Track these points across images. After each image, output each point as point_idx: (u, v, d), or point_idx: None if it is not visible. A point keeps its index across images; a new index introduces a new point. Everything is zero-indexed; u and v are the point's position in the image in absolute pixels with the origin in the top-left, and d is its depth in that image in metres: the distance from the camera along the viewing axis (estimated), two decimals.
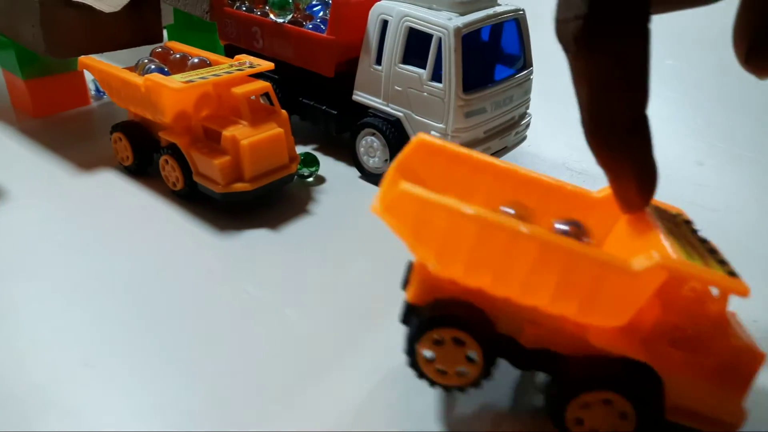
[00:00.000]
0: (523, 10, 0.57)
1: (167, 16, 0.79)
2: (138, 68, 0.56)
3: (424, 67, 0.52)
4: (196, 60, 0.56)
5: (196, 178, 0.51)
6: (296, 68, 0.62)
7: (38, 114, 0.71)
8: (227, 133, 0.50)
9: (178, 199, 0.55)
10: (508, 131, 0.58)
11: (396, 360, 0.38)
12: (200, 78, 0.50)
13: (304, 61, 0.61)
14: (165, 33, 0.78)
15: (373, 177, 0.59)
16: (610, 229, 0.35)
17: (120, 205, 0.54)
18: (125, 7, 0.61)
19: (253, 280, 0.45)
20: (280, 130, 0.52)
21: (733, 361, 0.29)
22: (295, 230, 0.51)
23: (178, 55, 0.58)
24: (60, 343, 0.39)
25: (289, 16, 0.61)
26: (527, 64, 0.58)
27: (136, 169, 0.58)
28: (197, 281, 0.45)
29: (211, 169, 0.50)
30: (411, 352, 0.33)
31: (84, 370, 0.37)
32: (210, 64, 0.56)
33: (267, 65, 0.55)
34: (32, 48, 0.59)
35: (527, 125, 0.61)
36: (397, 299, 0.42)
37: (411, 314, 0.33)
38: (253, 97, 0.54)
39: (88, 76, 0.75)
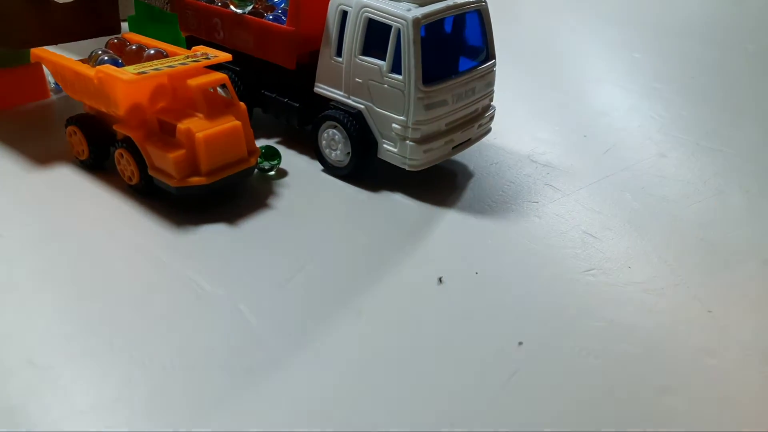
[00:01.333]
0: (485, 1, 0.56)
1: (129, 8, 0.77)
2: (91, 60, 0.54)
3: (383, 59, 0.52)
4: (152, 51, 0.55)
5: (151, 172, 0.50)
6: (258, 60, 0.61)
7: None
8: (182, 125, 0.49)
9: (134, 194, 0.53)
10: (471, 123, 0.57)
11: (353, 356, 0.38)
12: (154, 69, 0.49)
13: (265, 52, 0.60)
14: (126, 25, 0.76)
15: (335, 170, 0.58)
16: None
17: (73, 200, 0.53)
18: None
19: (207, 275, 0.44)
20: (237, 122, 0.51)
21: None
22: (254, 225, 0.50)
23: (134, 47, 0.56)
24: (2, 341, 0.38)
25: (250, 7, 0.60)
26: (490, 56, 0.58)
27: (92, 163, 0.56)
28: (149, 276, 0.44)
29: (165, 162, 0.49)
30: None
31: (29, 368, 0.36)
32: (167, 56, 0.55)
33: (224, 56, 0.54)
34: None
35: (491, 117, 0.60)
36: (357, 295, 0.42)
37: None
38: (211, 90, 0.53)
39: (47, 69, 0.73)
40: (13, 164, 0.58)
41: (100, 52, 0.55)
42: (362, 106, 0.55)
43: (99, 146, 0.55)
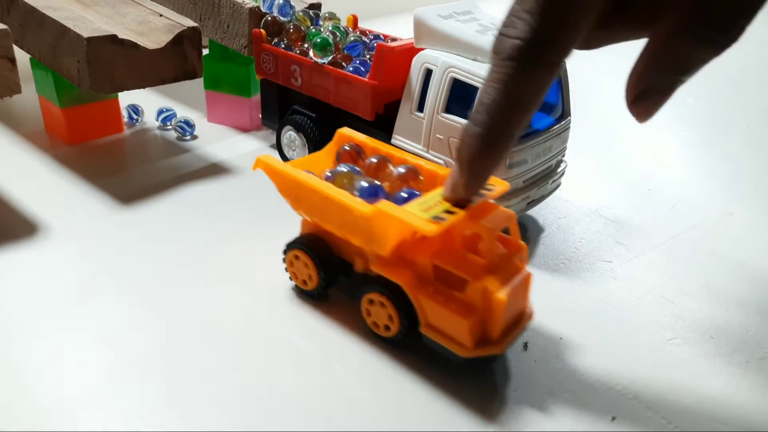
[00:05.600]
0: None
1: None
2: (336, 178, 0.45)
3: (466, 117, 0.53)
4: (402, 170, 0.47)
5: (424, 331, 0.41)
6: (333, 108, 0.63)
7: (73, 141, 0.71)
8: (477, 283, 0.39)
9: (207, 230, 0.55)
10: (545, 180, 0.58)
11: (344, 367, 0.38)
12: (446, 212, 0.39)
13: (344, 103, 0.61)
14: None
15: None
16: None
17: (159, 241, 0.55)
18: (168, 44, 0.61)
19: (301, 330, 0.45)
20: (527, 272, 0.42)
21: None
22: None
23: (374, 160, 0.48)
24: (107, 399, 0.39)
25: (330, 57, 0.62)
26: (565, 113, 0.59)
27: (320, 293, 0.47)
28: (231, 329, 0.45)
29: (455, 326, 0.39)
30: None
31: (138, 423, 0.37)
32: (418, 172, 0.47)
33: (503, 186, 0.43)
34: (76, 82, 0.59)
35: (563, 173, 0.61)
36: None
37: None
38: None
39: (122, 103, 0.76)
40: (98, 202, 0.60)
41: (344, 170, 0.45)
42: (441, 162, 0.56)
43: (331, 274, 0.47)
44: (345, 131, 0.53)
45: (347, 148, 0.51)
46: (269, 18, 0.68)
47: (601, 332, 0.47)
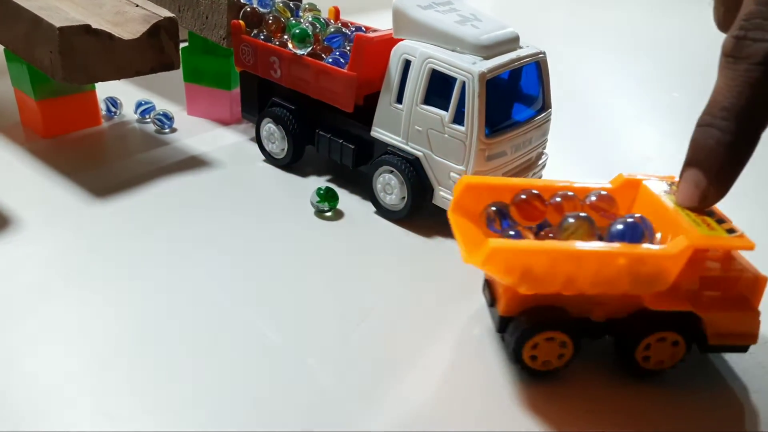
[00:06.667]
0: (544, 52, 0.57)
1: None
2: (565, 231, 0.40)
3: (446, 109, 0.52)
4: (593, 198, 0.43)
5: (714, 341, 0.41)
6: (313, 100, 0.62)
7: (49, 134, 0.70)
8: (748, 275, 0.41)
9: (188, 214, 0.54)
10: (525, 172, 0.58)
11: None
12: (717, 222, 0.39)
13: (323, 94, 0.60)
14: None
15: (389, 213, 0.58)
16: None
17: (135, 236, 0.54)
18: (144, 34, 0.60)
19: (271, 322, 0.45)
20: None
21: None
22: (313, 273, 0.51)
23: (558, 198, 0.43)
24: (72, 393, 0.38)
25: (309, 48, 0.61)
26: (546, 105, 0.58)
27: (568, 363, 0.41)
28: (205, 313, 0.45)
29: (743, 322, 0.41)
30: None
31: (101, 419, 0.36)
32: (611, 197, 0.43)
33: (748, 245, 0.38)
34: (49, 73, 0.58)
35: (543, 165, 0.61)
36: (420, 331, 0.42)
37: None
38: None
39: (101, 96, 0.74)
40: (73, 196, 0.59)
41: (573, 221, 0.39)
42: (420, 153, 0.55)
43: (591, 335, 0.42)
44: (470, 180, 0.44)
45: (494, 208, 0.42)
46: (248, 9, 0.67)
47: None
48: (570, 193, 0.43)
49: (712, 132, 0.38)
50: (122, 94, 0.78)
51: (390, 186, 0.57)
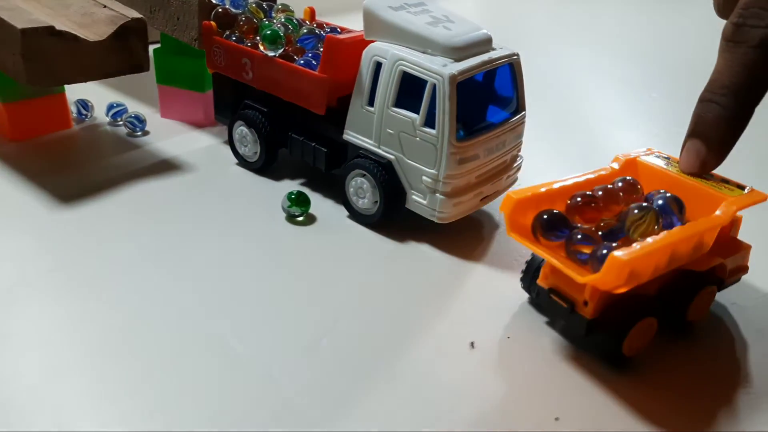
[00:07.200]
0: (517, 54, 0.56)
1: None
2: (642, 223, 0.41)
3: (417, 112, 0.51)
4: (620, 184, 0.45)
5: (728, 281, 0.47)
6: (285, 102, 0.61)
7: (16, 137, 0.69)
8: (736, 217, 0.47)
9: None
10: (500, 175, 0.57)
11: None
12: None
13: (295, 96, 0.60)
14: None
15: (362, 218, 0.58)
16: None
17: (106, 244, 0.52)
18: (110, 36, 0.59)
19: (237, 331, 0.44)
20: None
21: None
22: (283, 277, 0.50)
23: (600, 193, 0.44)
24: (28, 404, 0.37)
25: (281, 50, 0.60)
26: (520, 107, 0.58)
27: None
28: (180, 317, 0.44)
29: (744, 258, 0.48)
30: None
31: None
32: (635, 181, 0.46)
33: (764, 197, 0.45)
34: (13, 76, 0.57)
35: (519, 168, 0.60)
36: (387, 359, 0.41)
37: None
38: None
39: (72, 98, 0.73)
40: (37, 201, 0.58)
41: (640, 211, 0.41)
42: (392, 157, 0.54)
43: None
44: (517, 196, 0.44)
45: (548, 217, 0.43)
46: (220, 9, 0.66)
47: (550, 331, 0.46)
48: (609, 186, 0.45)
49: (713, 107, 0.43)
50: (94, 96, 0.77)
51: (362, 190, 0.56)
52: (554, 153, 0.77)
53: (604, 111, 0.93)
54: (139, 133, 0.72)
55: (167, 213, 0.58)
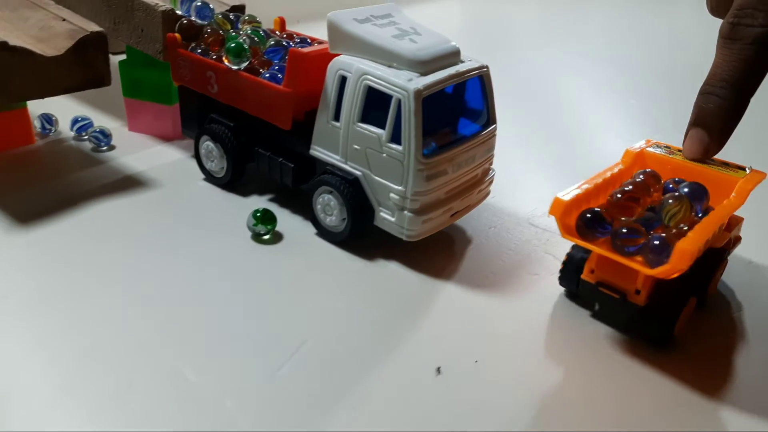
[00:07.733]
0: (487, 66, 0.55)
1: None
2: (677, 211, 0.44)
3: (383, 127, 0.50)
4: (642, 177, 0.47)
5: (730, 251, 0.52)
6: (252, 116, 0.59)
7: None
8: None
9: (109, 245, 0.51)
10: (470, 190, 0.56)
11: None
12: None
13: (260, 111, 0.58)
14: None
15: (330, 235, 0.56)
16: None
17: (60, 268, 0.51)
18: (69, 50, 0.57)
19: (191, 358, 0.42)
20: None
21: None
22: (247, 299, 0.48)
23: (629, 187, 0.46)
24: None
25: (245, 63, 0.59)
26: (491, 120, 0.56)
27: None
28: (125, 348, 0.42)
29: (739, 228, 0.52)
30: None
31: None
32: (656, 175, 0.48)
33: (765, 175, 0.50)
34: None
35: (491, 181, 0.59)
36: (353, 386, 0.39)
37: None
38: None
39: (35, 112, 0.71)
40: None
41: (674, 201, 0.44)
42: (359, 173, 0.53)
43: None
44: (563, 201, 0.44)
45: (591, 215, 0.44)
46: (185, 21, 0.64)
47: (517, 355, 0.45)
48: (639, 178, 0.47)
49: (713, 98, 0.47)
50: (59, 110, 0.75)
51: (330, 207, 0.55)
52: (528, 159, 0.76)
53: (581, 117, 0.92)
54: (105, 148, 0.70)
55: (128, 233, 0.56)
